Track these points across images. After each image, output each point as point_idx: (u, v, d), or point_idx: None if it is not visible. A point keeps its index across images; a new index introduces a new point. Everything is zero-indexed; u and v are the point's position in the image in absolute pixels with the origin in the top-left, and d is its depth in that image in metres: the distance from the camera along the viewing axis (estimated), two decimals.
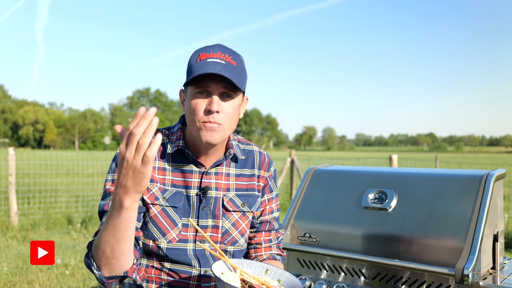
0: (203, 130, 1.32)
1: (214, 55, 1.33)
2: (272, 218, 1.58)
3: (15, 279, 4.74)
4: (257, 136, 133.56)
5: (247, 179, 1.51)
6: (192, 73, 1.31)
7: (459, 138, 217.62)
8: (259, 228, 1.56)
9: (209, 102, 1.31)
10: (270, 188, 1.57)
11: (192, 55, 1.37)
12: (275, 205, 1.59)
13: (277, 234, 1.60)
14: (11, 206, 7.20)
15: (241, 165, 1.51)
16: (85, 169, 9.87)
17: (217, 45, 1.37)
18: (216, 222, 1.43)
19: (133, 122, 1.00)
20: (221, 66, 1.30)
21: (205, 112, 1.32)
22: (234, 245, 1.47)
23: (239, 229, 1.47)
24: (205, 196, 1.42)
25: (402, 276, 1.66)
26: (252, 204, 1.50)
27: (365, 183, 1.91)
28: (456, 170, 1.86)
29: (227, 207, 1.44)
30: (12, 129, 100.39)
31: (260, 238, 1.56)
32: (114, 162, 1.40)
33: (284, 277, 1.27)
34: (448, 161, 17.14)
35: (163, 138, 1.44)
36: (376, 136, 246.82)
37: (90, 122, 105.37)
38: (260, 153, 1.57)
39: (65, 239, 6.67)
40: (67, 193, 9.26)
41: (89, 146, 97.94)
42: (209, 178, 1.43)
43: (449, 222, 1.64)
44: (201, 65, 1.31)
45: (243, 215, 1.48)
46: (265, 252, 1.56)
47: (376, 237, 1.76)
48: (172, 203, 1.39)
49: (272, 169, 1.59)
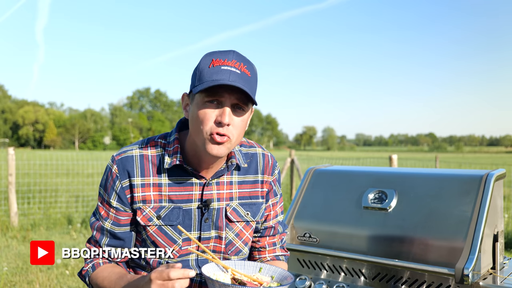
0: (210, 143, 1.23)
1: (229, 63, 1.22)
2: (277, 223, 1.55)
3: (15, 279, 4.74)
4: (257, 136, 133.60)
5: (250, 185, 1.44)
6: (204, 79, 1.21)
7: (459, 138, 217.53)
8: (263, 233, 1.53)
9: (221, 114, 1.22)
10: (274, 192, 1.51)
11: (204, 59, 1.26)
12: (279, 209, 1.56)
13: (281, 237, 1.58)
14: (11, 206, 7.20)
15: (244, 172, 1.43)
16: (85, 169, 9.87)
17: (232, 51, 1.26)
18: (220, 233, 1.38)
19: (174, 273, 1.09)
20: (236, 76, 1.20)
21: (215, 124, 1.22)
22: (238, 254, 1.43)
23: (242, 239, 1.43)
24: (207, 209, 1.36)
25: (402, 276, 1.66)
26: (256, 213, 1.45)
27: (365, 183, 1.91)
28: (456, 170, 1.86)
29: (231, 218, 1.39)
30: (12, 129, 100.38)
31: (265, 242, 1.54)
32: (104, 176, 1.38)
33: (277, 273, 1.28)
34: (448, 161, 17.14)
35: (158, 150, 1.36)
36: (376, 136, 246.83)
37: (90, 122, 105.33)
38: (264, 156, 1.48)
39: (65, 239, 6.67)
40: (67, 193, 9.26)
41: (89, 146, 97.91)
42: (211, 189, 1.36)
43: (449, 222, 1.64)
44: (215, 71, 1.21)
45: (247, 224, 1.43)
46: (269, 254, 1.55)
47: (376, 237, 1.76)
48: (168, 221, 1.33)
49: (276, 171, 1.52)
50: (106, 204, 1.37)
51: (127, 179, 1.33)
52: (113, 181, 1.34)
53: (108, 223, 1.37)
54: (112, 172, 1.34)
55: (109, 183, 1.35)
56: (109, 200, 1.36)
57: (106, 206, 1.37)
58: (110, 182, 1.35)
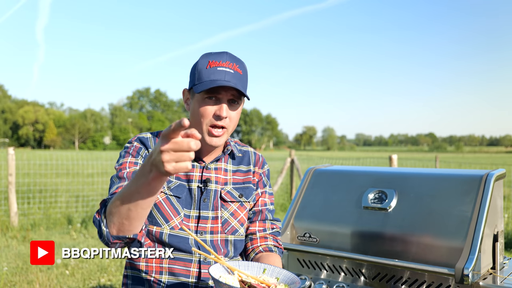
0: (209, 135, 1.44)
1: (223, 64, 1.42)
2: (264, 208, 1.63)
3: (15, 279, 4.74)
4: (257, 136, 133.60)
5: (243, 174, 1.60)
6: (202, 79, 1.41)
7: (459, 138, 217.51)
8: (252, 218, 1.62)
9: (219, 109, 1.42)
10: (263, 183, 1.65)
11: (201, 60, 1.45)
12: (268, 200, 1.65)
13: (272, 225, 1.64)
14: (11, 206, 7.20)
15: (238, 162, 1.61)
16: (85, 169, 9.88)
17: (225, 53, 1.46)
18: (216, 213, 1.51)
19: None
20: (231, 76, 1.41)
21: (214, 117, 1.42)
22: (235, 234, 1.54)
23: (238, 218, 1.55)
24: (206, 189, 1.50)
25: (402, 276, 1.66)
26: (249, 195, 1.58)
27: (365, 183, 1.91)
28: (456, 170, 1.86)
29: (225, 198, 1.53)
30: (12, 129, 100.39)
31: (255, 228, 1.61)
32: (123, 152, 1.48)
33: (282, 275, 1.29)
34: (448, 161, 17.13)
35: None
36: (376, 136, 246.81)
37: (90, 122, 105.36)
38: (255, 154, 1.68)
39: (65, 239, 6.67)
40: (67, 193, 9.26)
41: (89, 146, 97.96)
42: (210, 172, 1.53)
43: (449, 222, 1.64)
44: (212, 72, 1.41)
45: (241, 205, 1.56)
46: (261, 243, 1.59)
47: (376, 237, 1.76)
48: (176, 193, 1.48)
49: (266, 168, 1.68)
50: (131, 163, 1.44)
51: (146, 150, 1.49)
52: (138, 149, 1.48)
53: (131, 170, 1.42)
54: (135, 145, 1.49)
55: (133, 151, 1.47)
56: (134, 159, 1.45)
57: (132, 163, 1.44)
58: (135, 149, 1.48)
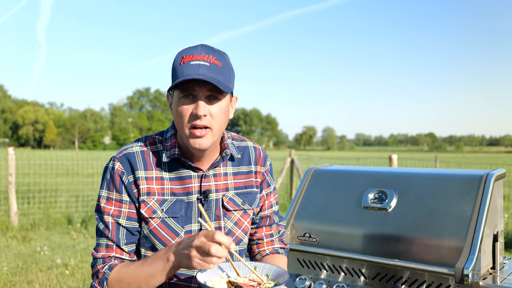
0: (191, 137, 1.30)
1: (197, 57, 1.27)
2: (272, 212, 1.58)
3: (15, 279, 4.74)
4: (257, 136, 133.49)
5: (244, 176, 1.50)
6: (176, 76, 1.27)
7: (459, 138, 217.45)
8: (259, 224, 1.56)
9: (195, 107, 1.28)
10: (267, 182, 1.57)
11: (176, 57, 1.32)
12: (273, 199, 1.59)
13: (278, 228, 1.61)
14: (11, 206, 7.20)
15: (237, 163, 1.49)
16: (85, 169, 9.89)
17: (200, 45, 1.32)
18: (219, 223, 1.42)
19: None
20: (205, 69, 1.26)
21: (192, 117, 1.28)
22: (239, 244, 1.47)
23: (241, 227, 1.47)
24: (207, 200, 1.40)
25: (402, 276, 1.66)
26: (252, 201, 1.49)
27: (365, 183, 1.91)
28: (456, 170, 1.86)
29: (227, 207, 1.43)
30: (12, 129, 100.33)
31: (262, 234, 1.57)
32: (106, 177, 1.39)
33: (272, 271, 1.29)
34: (448, 161, 17.12)
35: (157, 146, 1.42)
36: (376, 136, 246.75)
37: (90, 122, 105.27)
38: (255, 148, 1.55)
39: (65, 239, 6.67)
40: (67, 193, 9.26)
41: (89, 146, 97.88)
42: (208, 181, 1.41)
43: (449, 222, 1.64)
44: (185, 68, 1.26)
45: (244, 213, 1.47)
46: (267, 247, 1.57)
47: (376, 237, 1.76)
48: (172, 214, 1.37)
49: (268, 163, 1.58)
50: (116, 202, 1.36)
51: (132, 174, 1.36)
52: (120, 177, 1.36)
53: (123, 220, 1.36)
54: (116, 169, 1.36)
55: (115, 180, 1.36)
56: (119, 196, 1.36)
57: (117, 204, 1.36)
58: (117, 178, 1.36)
